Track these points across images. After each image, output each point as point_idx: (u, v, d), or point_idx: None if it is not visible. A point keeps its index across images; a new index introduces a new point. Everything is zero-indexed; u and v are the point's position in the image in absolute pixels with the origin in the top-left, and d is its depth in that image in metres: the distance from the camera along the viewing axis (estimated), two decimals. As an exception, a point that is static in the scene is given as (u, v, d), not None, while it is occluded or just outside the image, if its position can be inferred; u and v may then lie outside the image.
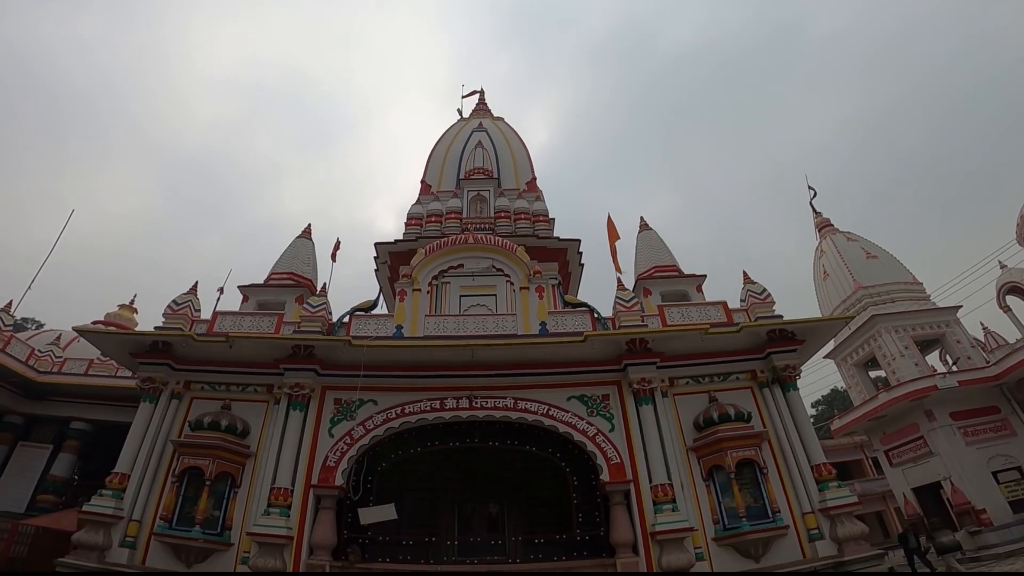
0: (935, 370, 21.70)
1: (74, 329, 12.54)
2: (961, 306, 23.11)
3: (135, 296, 21.20)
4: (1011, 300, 21.92)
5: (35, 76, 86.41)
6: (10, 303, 17.01)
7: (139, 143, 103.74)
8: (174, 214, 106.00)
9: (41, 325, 28.18)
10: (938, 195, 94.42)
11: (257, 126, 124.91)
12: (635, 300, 12.66)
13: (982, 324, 22.11)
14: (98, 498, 10.73)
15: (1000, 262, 22.69)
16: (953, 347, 22.12)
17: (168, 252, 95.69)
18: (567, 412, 11.61)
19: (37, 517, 13.41)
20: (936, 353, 23.63)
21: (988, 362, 21.29)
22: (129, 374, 14.03)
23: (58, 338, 18.82)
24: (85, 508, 10.69)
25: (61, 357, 17.71)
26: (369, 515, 11.17)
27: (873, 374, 24.84)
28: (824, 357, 24.84)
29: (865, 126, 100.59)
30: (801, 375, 12.55)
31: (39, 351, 17.50)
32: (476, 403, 11.59)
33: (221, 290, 13.94)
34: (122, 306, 20.70)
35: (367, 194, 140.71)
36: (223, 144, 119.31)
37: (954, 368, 21.64)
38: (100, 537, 10.30)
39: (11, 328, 17.00)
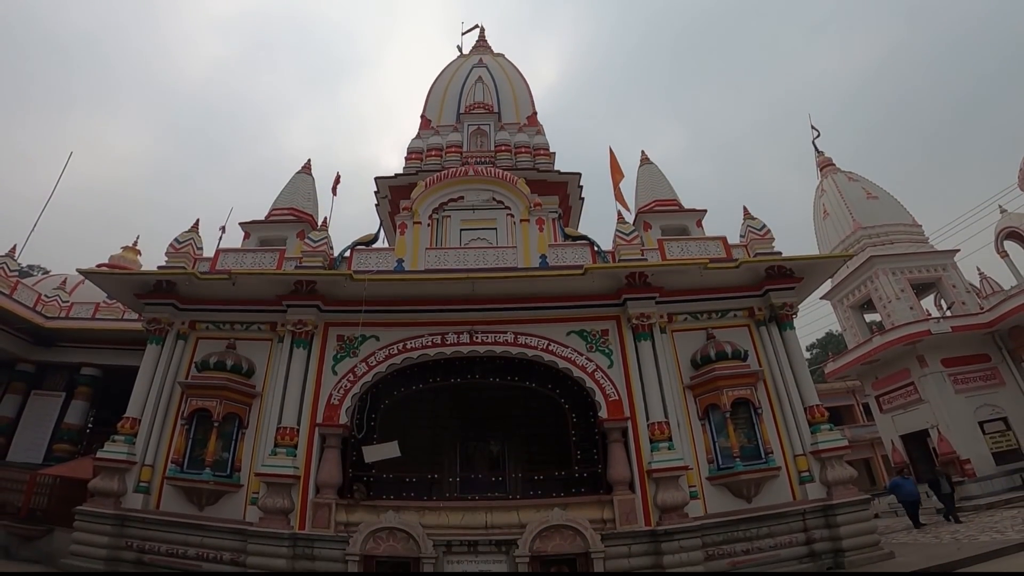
0: (930, 314, 21.87)
1: (78, 271, 12.51)
2: (959, 250, 23.09)
3: (138, 237, 21.01)
4: (1009, 246, 21.88)
5: (36, 19, 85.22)
6: (14, 248, 16.88)
7: (141, 86, 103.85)
8: (177, 156, 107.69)
9: (47, 272, 28.14)
10: (949, 138, 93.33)
11: (260, 66, 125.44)
12: (635, 234, 12.65)
13: (978, 269, 22.17)
14: (111, 444, 10.93)
15: (1000, 206, 22.56)
16: (948, 291, 22.21)
17: (172, 194, 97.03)
18: (567, 347, 11.69)
19: (54, 467, 13.56)
20: (931, 298, 23.75)
21: (982, 308, 21.39)
22: (135, 316, 14.17)
23: (63, 282, 18.68)
24: (99, 455, 10.92)
25: (68, 302, 17.64)
26: (373, 453, 11.38)
27: (868, 318, 25.03)
28: (821, 298, 25.11)
29: (878, 73, 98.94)
30: (798, 314, 12.57)
31: (45, 296, 17.41)
32: (477, 338, 11.68)
33: (223, 229, 13.96)
34: (125, 248, 20.57)
35: (372, 133, 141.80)
36: (226, 86, 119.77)
37: (948, 313, 21.77)
38: (115, 484, 10.56)
39: (16, 274, 16.89)
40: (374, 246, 13.22)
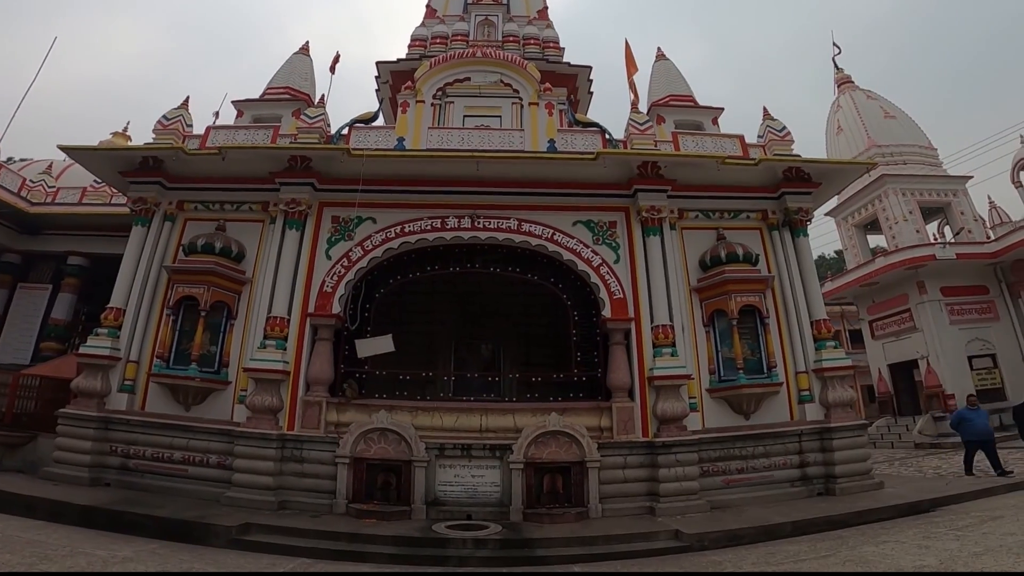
0: (937, 238, 21.70)
1: (59, 147, 11.62)
2: (972, 176, 22.84)
3: (128, 123, 19.90)
4: (1025, 177, 21.48)
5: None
6: (-8, 127, 15.95)
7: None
8: (184, 56, 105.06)
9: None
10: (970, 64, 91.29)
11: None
12: (649, 124, 11.99)
13: (989, 198, 21.80)
14: (94, 338, 10.36)
15: (1022, 136, 21.97)
16: (956, 218, 21.98)
17: (176, 93, 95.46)
18: (572, 238, 11.19)
19: (37, 366, 13.01)
20: (935, 224, 23.55)
21: (989, 238, 21.19)
22: (123, 201, 13.52)
23: (50, 167, 17.75)
24: (82, 351, 10.35)
25: (54, 187, 16.78)
26: (367, 347, 10.90)
27: (871, 241, 24.89)
28: (826, 215, 24.82)
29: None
30: (812, 221, 12.14)
31: (30, 181, 16.51)
32: (479, 223, 11.14)
33: (217, 114, 13.44)
34: (115, 134, 19.46)
35: (380, 35, 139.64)
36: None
37: (952, 240, 21.59)
38: (99, 383, 10.05)
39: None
40: (374, 125, 12.48)
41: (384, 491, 9.42)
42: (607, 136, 12.05)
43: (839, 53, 26.18)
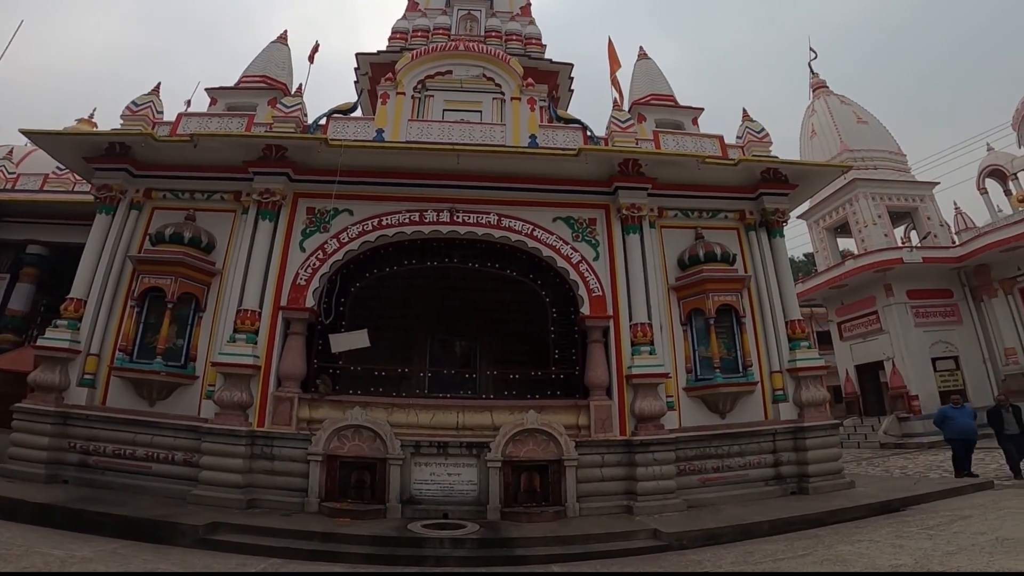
0: (904, 242, 22.19)
1: (21, 131, 11.20)
2: (939, 182, 23.40)
3: (95, 110, 19.24)
4: (990, 184, 22.07)
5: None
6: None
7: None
8: (156, 46, 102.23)
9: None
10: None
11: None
12: (630, 122, 11.97)
13: (955, 204, 22.33)
14: (53, 330, 9.89)
15: (988, 144, 22.60)
16: (923, 223, 22.50)
17: (150, 83, 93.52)
18: (552, 235, 11.08)
19: None
20: (902, 229, 24.09)
21: (954, 243, 21.71)
22: (87, 188, 13.03)
23: (10, 153, 17.09)
24: (39, 343, 9.90)
25: (14, 173, 16.18)
26: (341, 342, 10.62)
27: (841, 244, 25.35)
28: (798, 217, 25.27)
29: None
30: (788, 222, 12.28)
31: None
32: (458, 217, 10.96)
33: (188, 102, 12.93)
34: (81, 120, 18.74)
35: (369, 24, 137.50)
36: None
37: (919, 244, 22.08)
38: (57, 376, 9.60)
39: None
40: (352, 116, 12.21)
41: (358, 489, 9.21)
42: (588, 133, 11.99)
43: (815, 58, 26.78)
